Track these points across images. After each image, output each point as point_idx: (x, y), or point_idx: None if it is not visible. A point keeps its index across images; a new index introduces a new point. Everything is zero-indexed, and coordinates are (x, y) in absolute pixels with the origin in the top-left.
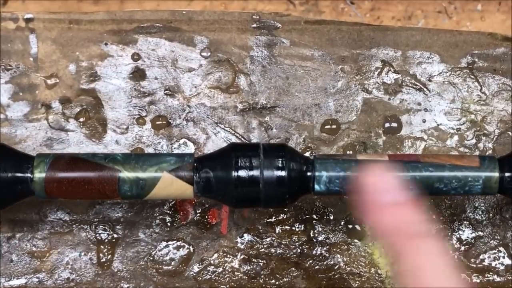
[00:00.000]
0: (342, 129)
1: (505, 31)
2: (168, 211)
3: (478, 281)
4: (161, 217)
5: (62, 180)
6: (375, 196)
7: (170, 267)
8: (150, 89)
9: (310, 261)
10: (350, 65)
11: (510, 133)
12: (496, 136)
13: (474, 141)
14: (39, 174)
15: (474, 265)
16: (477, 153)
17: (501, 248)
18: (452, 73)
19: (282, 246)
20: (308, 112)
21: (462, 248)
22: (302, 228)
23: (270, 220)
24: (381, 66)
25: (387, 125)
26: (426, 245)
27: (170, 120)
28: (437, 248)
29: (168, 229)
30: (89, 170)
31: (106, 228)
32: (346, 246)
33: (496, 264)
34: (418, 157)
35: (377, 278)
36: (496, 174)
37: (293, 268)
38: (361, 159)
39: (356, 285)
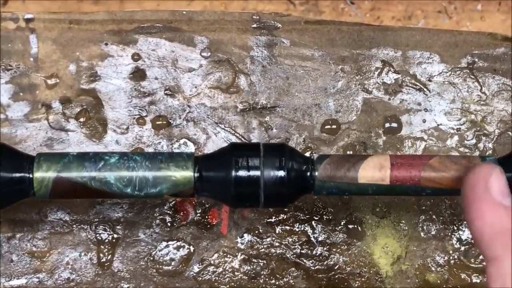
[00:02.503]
0: (342, 129)
1: (505, 31)
2: (168, 211)
3: (478, 281)
4: (161, 217)
5: (63, 192)
6: (486, 194)
7: (170, 267)
8: (150, 89)
9: (310, 261)
10: (350, 65)
11: (510, 133)
12: (496, 136)
13: (474, 141)
14: (39, 174)
15: (474, 265)
16: (477, 153)
17: None
18: (452, 73)
19: (282, 246)
20: (308, 112)
21: (462, 248)
22: (302, 228)
23: (270, 220)
24: (381, 66)
25: (387, 125)
26: None
27: (170, 120)
28: None
29: (168, 229)
30: (89, 195)
31: (106, 228)
32: (346, 246)
33: None
34: (420, 162)
35: (377, 278)
36: None
37: (293, 268)
38: (361, 159)
39: (356, 285)
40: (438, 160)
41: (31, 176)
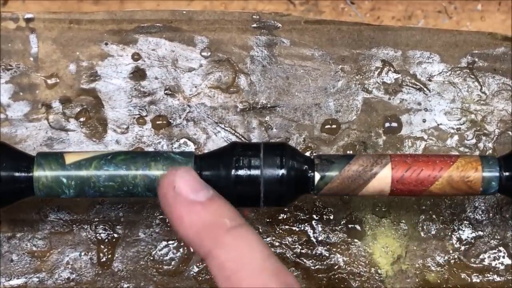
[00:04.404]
0: (342, 129)
1: (505, 31)
2: None
3: (478, 280)
4: (161, 216)
5: None
6: (177, 198)
7: (170, 266)
8: (151, 89)
9: (310, 261)
10: (350, 65)
11: (510, 132)
12: (496, 136)
13: (474, 140)
14: (38, 174)
15: (474, 265)
16: (477, 153)
17: (501, 248)
18: (452, 73)
19: (282, 246)
20: (308, 112)
21: (462, 248)
22: (302, 228)
23: (270, 220)
24: (381, 66)
25: (387, 124)
26: (238, 237)
27: (170, 120)
28: (251, 238)
29: (168, 229)
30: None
31: (106, 228)
32: (346, 246)
33: (496, 264)
34: (421, 188)
35: (377, 278)
36: (496, 174)
37: (293, 268)
38: (363, 184)
39: (356, 285)
40: (438, 187)
41: (31, 175)
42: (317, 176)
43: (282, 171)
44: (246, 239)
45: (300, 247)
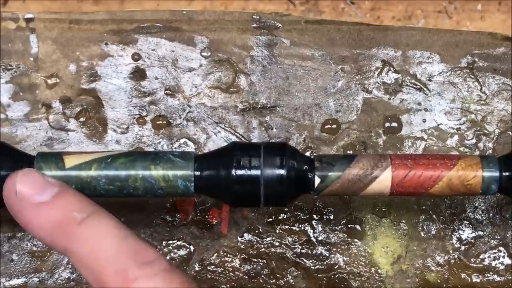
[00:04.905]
0: (342, 129)
1: (505, 31)
2: (168, 211)
3: (478, 280)
4: (161, 216)
5: None
6: (22, 203)
7: None
8: (151, 89)
9: (310, 261)
10: (350, 65)
11: (510, 132)
12: (496, 136)
13: (474, 140)
14: None
15: (474, 265)
16: (477, 152)
17: (501, 248)
18: (452, 73)
19: (282, 245)
20: (308, 112)
21: (462, 248)
22: (302, 228)
23: (270, 219)
24: (381, 66)
25: (387, 124)
26: (89, 227)
27: (170, 120)
28: (103, 225)
29: (168, 228)
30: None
31: None
32: (346, 246)
33: (496, 264)
34: (420, 191)
35: (377, 278)
36: (496, 174)
37: (293, 268)
38: (365, 186)
39: (356, 285)
40: (438, 190)
41: None
42: (317, 179)
43: (282, 172)
44: (98, 227)
45: (300, 247)
